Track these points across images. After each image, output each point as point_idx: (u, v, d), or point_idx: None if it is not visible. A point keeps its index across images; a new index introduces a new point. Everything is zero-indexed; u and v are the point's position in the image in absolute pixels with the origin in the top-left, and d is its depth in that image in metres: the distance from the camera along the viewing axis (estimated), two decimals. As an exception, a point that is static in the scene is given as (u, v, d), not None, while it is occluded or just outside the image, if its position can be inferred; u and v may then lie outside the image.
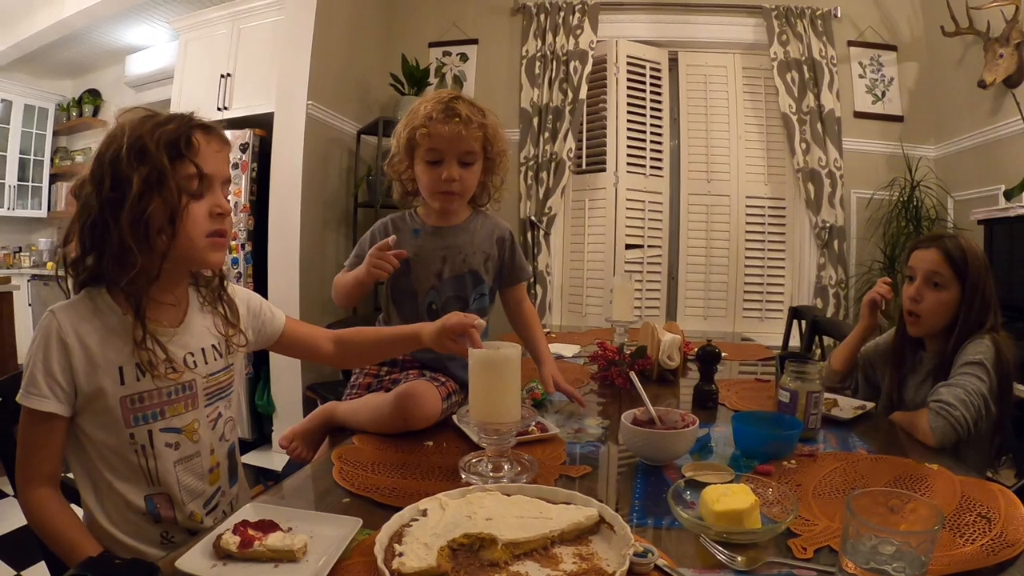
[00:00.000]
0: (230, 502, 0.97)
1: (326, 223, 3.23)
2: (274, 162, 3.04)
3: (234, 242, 3.10)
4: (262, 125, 3.17)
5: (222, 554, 0.67)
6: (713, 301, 3.43)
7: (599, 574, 0.62)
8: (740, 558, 0.66)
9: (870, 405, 1.31)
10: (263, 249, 3.06)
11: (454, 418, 1.18)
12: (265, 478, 2.71)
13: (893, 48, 3.37)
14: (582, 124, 3.37)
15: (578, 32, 3.30)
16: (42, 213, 5.00)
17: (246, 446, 3.07)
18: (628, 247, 3.32)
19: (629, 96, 3.33)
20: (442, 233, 1.35)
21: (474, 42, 3.58)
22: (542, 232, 3.30)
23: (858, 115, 3.35)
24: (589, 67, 3.28)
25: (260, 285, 3.05)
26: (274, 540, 0.68)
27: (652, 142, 3.38)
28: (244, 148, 3.15)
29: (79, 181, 0.85)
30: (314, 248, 3.10)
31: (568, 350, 1.99)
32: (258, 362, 3.10)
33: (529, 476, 0.89)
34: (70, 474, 0.89)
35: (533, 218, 3.26)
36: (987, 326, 1.28)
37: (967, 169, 3.09)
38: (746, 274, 3.40)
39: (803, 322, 2.55)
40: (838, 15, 3.29)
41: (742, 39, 3.39)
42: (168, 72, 4.06)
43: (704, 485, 0.79)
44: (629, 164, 3.32)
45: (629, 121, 3.33)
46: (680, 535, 0.74)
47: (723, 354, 1.44)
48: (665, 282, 3.46)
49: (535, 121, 3.33)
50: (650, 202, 3.38)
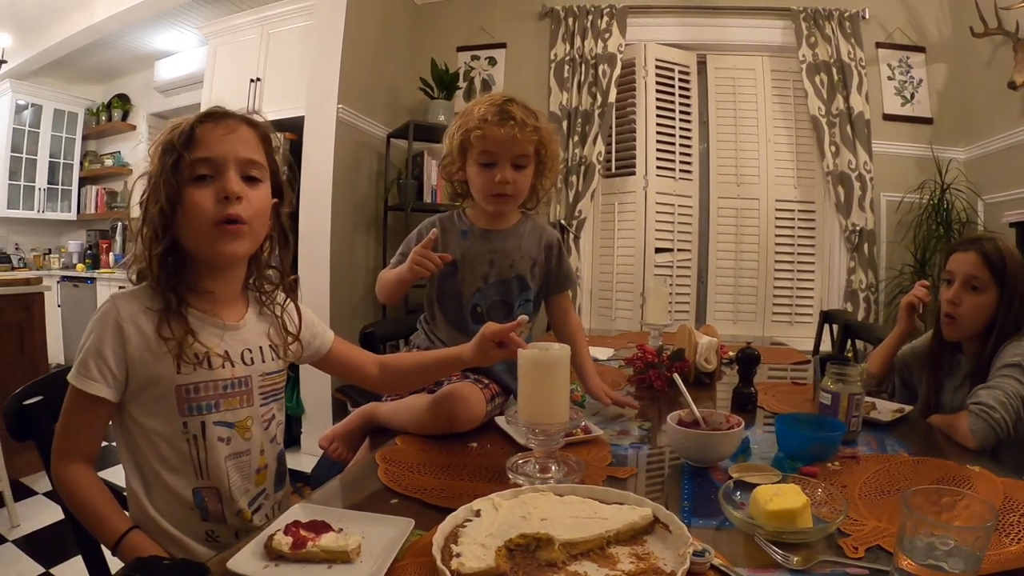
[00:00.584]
0: (273, 507, 0.97)
1: (356, 226, 3.25)
2: (304, 166, 3.05)
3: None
4: (292, 129, 3.19)
5: (274, 555, 0.67)
6: (742, 305, 3.40)
7: (657, 573, 0.61)
8: (795, 557, 0.66)
9: (908, 408, 1.31)
10: (293, 252, 3.08)
11: (498, 420, 1.18)
12: (294, 480, 2.72)
13: (921, 50, 3.33)
14: (611, 128, 3.36)
15: (606, 36, 3.29)
16: (71, 216, 5.10)
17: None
18: (658, 251, 3.30)
19: (658, 99, 3.31)
20: (490, 236, 1.34)
21: (502, 46, 3.58)
22: (572, 236, 3.30)
23: (887, 117, 3.31)
24: (618, 70, 3.27)
25: (290, 288, 3.08)
26: (328, 541, 0.67)
27: (681, 145, 3.36)
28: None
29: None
30: (344, 251, 3.11)
31: (602, 353, 1.98)
32: (287, 364, 3.12)
33: (576, 477, 0.89)
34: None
35: (563, 222, 3.26)
36: None
37: (997, 171, 3.05)
38: (775, 278, 3.37)
39: (834, 326, 2.54)
40: (866, 16, 3.25)
41: (770, 41, 3.36)
42: (197, 77, 4.11)
43: (751, 486, 0.79)
44: (658, 168, 3.30)
45: (658, 124, 3.31)
46: (730, 535, 0.74)
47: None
48: (694, 286, 3.43)
49: (564, 125, 3.31)
50: (680, 206, 3.36)
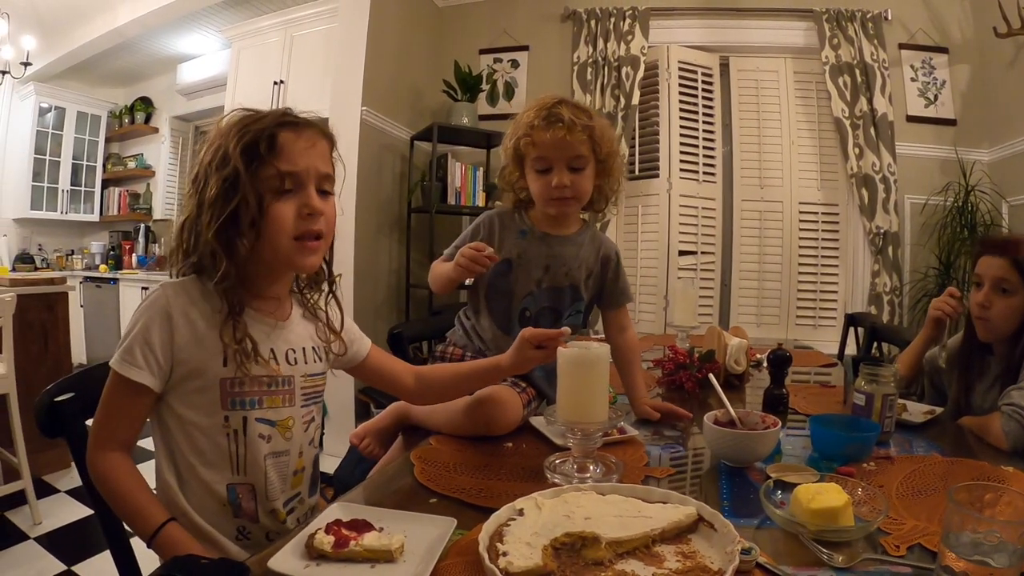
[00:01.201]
0: (306, 512, 0.96)
1: (380, 228, 3.26)
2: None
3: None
4: (316, 131, 3.22)
5: (315, 554, 0.66)
6: (766, 308, 3.39)
7: (704, 571, 0.61)
8: (839, 556, 0.66)
9: (939, 410, 1.30)
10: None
11: (533, 420, 1.18)
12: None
13: (944, 51, 3.30)
14: (635, 130, 3.35)
15: (629, 38, 3.28)
16: (94, 217, 5.16)
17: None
18: (681, 253, 3.29)
19: (681, 102, 3.31)
20: (549, 241, 1.30)
21: (525, 48, 3.59)
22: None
23: (911, 119, 3.28)
24: (641, 73, 3.26)
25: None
26: (371, 540, 0.66)
27: (705, 148, 3.35)
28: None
29: (189, 181, 0.87)
30: (368, 253, 3.13)
31: None
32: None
33: (615, 477, 0.89)
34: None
35: (586, 224, 3.26)
36: None
37: (1022, 173, 3.02)
38: (799, 281, 3.34)
39: (859, 329, 2.52)
40: (889, 17, 3.23)
41: (793, 43, 3.35)
42: (219, 80, 4.15)
43: (789, 485, 0.79)
44: (682, 170, 3.30)
45: (681, 127, 3.30)
46: (770, 534, 0.74)
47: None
48: (718, 289, 3.42)
49: (587, 127, 3.31)
50: (703, 208, 3.35)
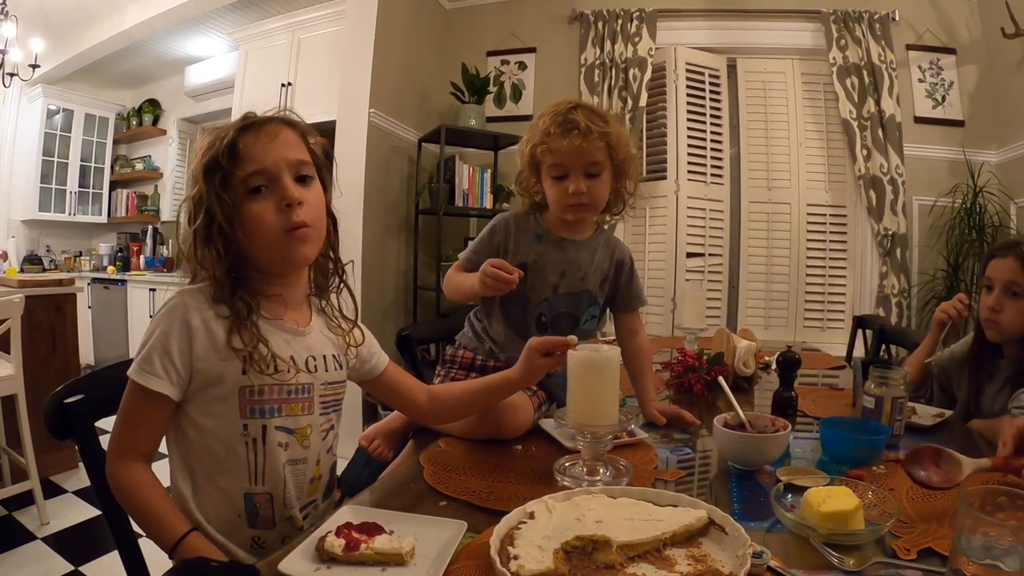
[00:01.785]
0: (319, 517, 0.94)
1: (387, 230, 3.27)
2: (336, 170, 3.08)
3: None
4: (324, 133, 3.22)
5: (325, 557, 0.65)
6: (774, 310, 3.38)
7: (715, 575, 0.61)
8: (850, 559, 0.66)
9: (949, 413, 1.30)
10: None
11: (543, 423, 1.18)
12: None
13: (952, 51, 3.29)
14: (642, 132, 3.35)
15: (636, 40, 3.29)
16: (102, 219, 5.18)
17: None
18: (689, 255, 3.29)
19: (688, 103, 3.31)
20: (565, 246, 1.29)
21: (532, 50, 3.59)
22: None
23: (919, 120, 3.27)
24: (648, 74, 3.26)
25: (323, 291, 3.12)
26: (381, 543, 0.66)
27: (712, 149, 3.35)
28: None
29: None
30: (376, 255, 3.14)
31: None
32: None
33: (625, 480, 0.89)
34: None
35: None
36: None
37: (1031, 174, 3.01)
38: (807, 283, 3.34)
39: (868, 331, 2.52)
40: (896, 18, 3.22)
41: (800, 44, 3.34)
42: (227, 82, 4.16)
43: (800, 489, 0.79)
44: (690, 172, 3.29)
45: (689, 128, 3.30)
46: (781, 537, 0.74)
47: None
48: (726, 291, 3.42)
49: (595, 129, 3.31)
50: (711, 210, 3.35)
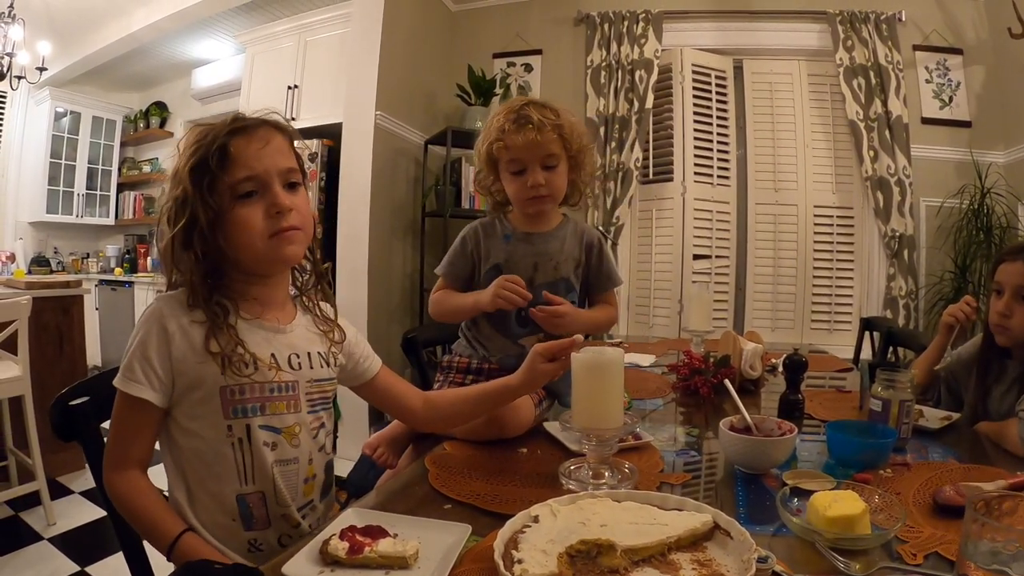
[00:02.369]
0: (318, 519, 0.94)
1: (394, 232, 3.27)
2: (343, 172, 3.08)
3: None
4: (330, 135, 3.24)
5: (329, 560, 0.65)
6: (781, 312, 3.37)
7: None
8: (856, 564, 0.66)
9: (956, 415, 1.30)
10: (332, 258, 3.09)
11: (548, 426, 1.18)
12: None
13: (959, 52, 3.27)
14: (648, 133, 3.34)
15: (642, 41, 3.28)
16: (109, 221, 5.21)
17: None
18: (696, 257, 3.28)
19: (695, 105, 3.30)
20: (533, 239, 1.32)
21: (538, 52, 3.59)
22: (609, 242, 3.29)
23: (926, 121, 3.25)
24: (654, 76, 3.26)
25: (328, 293, 3.12)
26: (385, 546, 0.66)
27: (719, 151, 3.34)
28: (312, 158, 3.23)
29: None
30: (382, 257, 3.15)
31: (644, 360, 1.98)
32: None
33: (630, 483, 0.88)
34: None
35: (600, 228, 3.25)
36: None
37: (1038, 175, 3.00)
38: (814, 285, 3.33)
39: (875, 333, 2.51)
40: (903, 19, 3.20)
41: (807, 45, 3.33)
42: (234, 84, 4.17)
43: (806, 492, 0.78)
44: (696, 173, 3.29)
45: (695, 130, 3.29)
46: (787, 542, 0.74)
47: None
48: (732, 293, 3.40)
49: (601, 131, 3.31)
50: (717, 212, 3.34)
